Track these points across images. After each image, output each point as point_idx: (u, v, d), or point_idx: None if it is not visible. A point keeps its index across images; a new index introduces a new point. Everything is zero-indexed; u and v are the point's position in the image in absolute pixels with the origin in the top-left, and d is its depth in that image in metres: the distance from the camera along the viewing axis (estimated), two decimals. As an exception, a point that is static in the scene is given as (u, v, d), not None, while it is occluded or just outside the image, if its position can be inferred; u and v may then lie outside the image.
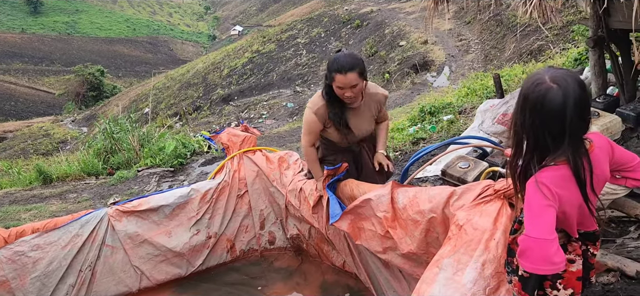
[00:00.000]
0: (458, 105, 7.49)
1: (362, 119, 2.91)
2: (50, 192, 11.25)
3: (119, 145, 13.95)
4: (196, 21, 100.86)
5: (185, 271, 3.36)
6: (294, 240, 3.43)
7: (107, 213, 3.17)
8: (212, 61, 37.51)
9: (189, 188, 3.33)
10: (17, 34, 74.57)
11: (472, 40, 22.24)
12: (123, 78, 63.39)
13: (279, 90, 26.77)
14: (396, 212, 2.55)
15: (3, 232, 2.97)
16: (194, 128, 24.25)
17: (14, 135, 39.39)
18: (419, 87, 19.09)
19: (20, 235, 2.99)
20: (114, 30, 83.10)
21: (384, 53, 24.22)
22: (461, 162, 3.42)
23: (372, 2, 34.49)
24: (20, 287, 2.94)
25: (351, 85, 2.64)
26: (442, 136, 6.06)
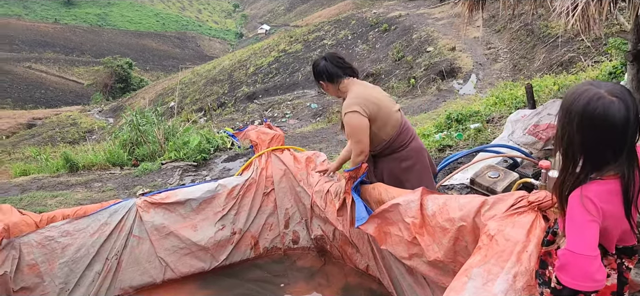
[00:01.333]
0: (486, 114, 7.38)
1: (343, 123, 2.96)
2: (76, 180, 11.48)
3: (145, 137, 14.17)
4: (224, 18, 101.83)
5: (209, 265, 3.38)
6: (318, 240, 3.42)
7: (135, 204, 3.21)
8: (239, 58, 37.81)
9: (216, 184, 3.35)
10: (50, 23, 76.40)
11: (501, 48, 21.95)
12: (150, 72, 64.40)
13: (304, 91, 26.85)
14: (425, 218, 2.52)
15: (35, 217, 3.03)
16: (218, 124, 24.45)
17: (42, 122, 40.31)
18: (444, 93, 18.92)
19: (51, 220, 3.04)
20: (143, 23, 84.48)
21: (411, 58, 24.08)
22: (490, 171, 3.37)
23: (400, 6, 34.33)
24: (48, 271, 3.00)
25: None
26: (469, 144, 5.98)
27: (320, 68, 3.02)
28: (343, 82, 2.97)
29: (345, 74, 2.98)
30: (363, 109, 2.81)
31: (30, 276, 2.96)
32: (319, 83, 3.07)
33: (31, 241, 2.95)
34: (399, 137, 2.94)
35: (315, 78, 3.11)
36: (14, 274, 2.89)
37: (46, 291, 3.01)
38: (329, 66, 2.98)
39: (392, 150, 2.95)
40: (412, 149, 2.98)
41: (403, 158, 2.96)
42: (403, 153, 2.96)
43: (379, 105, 2.88)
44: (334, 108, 21.71)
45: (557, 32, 18.82)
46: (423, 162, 3.04)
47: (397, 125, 2.93)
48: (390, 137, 2.91)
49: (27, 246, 2.94)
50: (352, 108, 2.82)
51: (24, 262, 2.93)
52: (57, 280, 3.02)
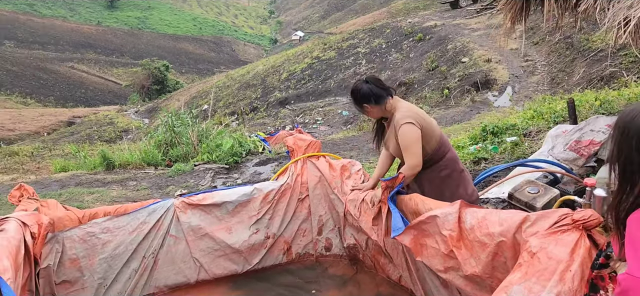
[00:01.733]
0: (523, 127, 7.23)
1: (389, 140, 3.13)
2: (112, 178, 11.78)
3: (179, 138, 14.44)
4: (260, 24, 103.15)
5: (242, 268, 3.42)
6: (351, 249, 3.41)
7: (173, 204, 3.27)
8: (272, 64, 38.17)
9: (252, 187, 3.39)
10: (93, 26, 78.97)
11: (538, 61, 21.50)
12: (186, 75, 65.70)
13: (336, 98, 26.89)
14: (462, 231, 2.48)
15: (78, 213, 3.12)
16: (250, 128, 24.72)
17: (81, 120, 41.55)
18: (479, 105, 18.63)
19: (93, 216, 3.13)
20: (181, 28, 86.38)
21: (445, 68, 23.83)
22: (530, 186, 3.30)
23: (436, 16, 34.05)
24: (88, 266, 3.08)
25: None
26: (505, 158, 5.87)
27: (364, 91, 3.03)
28: (388, 101, 3.04)
29: (388, 93, 3.06)
30: (416, 121, 2.94)
31: (72, 270, 3.05)
32: (362, 106, 3.09)
33: (74, 236, 3.04)
34: (440, 150, 3.08)
35: (357, 102, 3.10)
36: (57, 267, 2.99)
37: (85, 285, 3.09)
38: (374, 88, 3.04)
39: (433, 161, 3.07)
40: (448, 159, 3.13)
41: (442, 168, 3.09)
42: (441, 164, 3.09)
43: (425, 119, 3.05)
44: (365, 117, 21.65)
45: (599, 45, 18.33)
46: (458, 168, 3.18)
47: (438, 138, 3.08)
48: (433, 149, 3.04)
49: (69, 241, 3.03)
50: (407, 120, 2.92)
51: (66, 256, 3.03)
52: (96, 275, 3.10)
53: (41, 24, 74.42)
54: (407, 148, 2.91)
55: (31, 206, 3.00)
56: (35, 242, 2.83)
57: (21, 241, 2.73)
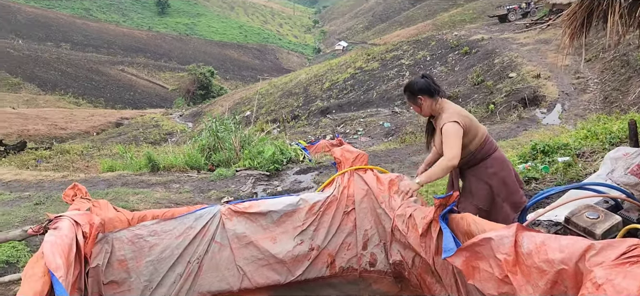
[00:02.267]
0: (575, 148, 6.94)
1: (437, 138, 3.38)
2: (156, 180, 12.04)
3: (222, 143, 14.65)
4: (304, 33, 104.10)
5: (285, 279, 3.38)
6: (396, 266, 3.32)
7: (220, 211, 3.28)
8: (315, 73, 38.34)
9: (298, 198, 3.36)
10: (144, 31, 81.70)
11: (590, 79, 20.71)
12: (230, 81, 66.93)
13: (378, 109, 26.70)
14: (518, 256, 2.37)
15: (128, 214, 3.17)
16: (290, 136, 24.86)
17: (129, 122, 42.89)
18: (526, 122, 18.08)
19: (141, 219, 3.18)
20: (227, 35, 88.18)
21: (491, 83, 23.29)
22: (588, 211, 3.13)
23: (483, 29, 33.42)
24: (135, 268, 3.12)
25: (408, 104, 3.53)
26: (557, 178, 5.64)
27: (421, 84, 3.32)
28: (439, 99, 3.33)
29: (441, 92, 3.36)
30: (461, 121, 3.19)
31: (119, 271, 3.10)
32: (416, 99, 3.34)
33: (123, 238, 3.09)
34: (484, 148, 3.35)
35: (413, 94, 3.38)
36: (105, 267, 3.04)
37: (132, 287, 3.13)
38: (430, 83, 3.34)
39: (478, 159, 3.35)
40: (494, 158, 3.39)
41: (488, 165, 3.36)
42: (487, 162, 3.36)
43: (471, 119, 3.36)
44: (407, 129, 21.40)
45: (657, 64, 17.51)
46: (507, 170, 3.42)
47: (483, 137, 3.37)
48: (477, 148, 3.32)
49: (118, 242, 3.08)
50: (452, 119, 3.18)
51: (115, 257, 3.08)
52: (142, 277, 3.14)
53: (95, 28, 77.59)
54: (447, 141, 3.14)
55: (84, 205, 3.07)
56: (86, 241, 2.88)
57: (73, 240, 2.79)
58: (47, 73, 55.87)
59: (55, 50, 64.80)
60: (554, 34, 27.27)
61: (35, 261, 2.58)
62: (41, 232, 3.03)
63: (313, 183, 10.71)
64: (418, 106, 3.36)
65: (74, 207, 3.10)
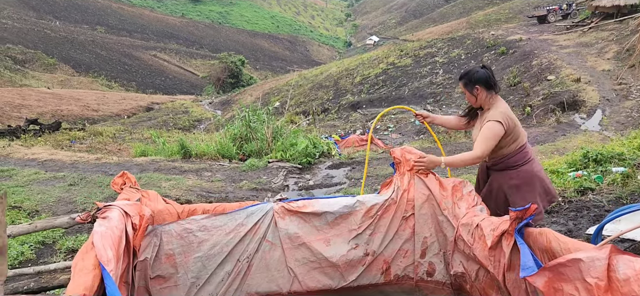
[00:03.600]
0: (631, 158, 6.57)
1: (477, 126, 3.43)
2: (188, 167, 12.02)
3: (254, 134, 14.57)
4: (335, 26, 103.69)
5: (337, 284, 3.20)
6: (457, 278, 3.10)
7: (272, 209, 3.12)
8: (346, 67, 38.05)
9: (355, 200, 3.18)
10: (178, 17, 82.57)
11: (634, 85, 19.90)
12: (260, 71, 67.16)
13: (409, 105, 26.31)
14: (612, 281, 2.13)
15: (177, 207, 3.04)
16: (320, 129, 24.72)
17: (159, 107, 43.42)
18: (564, 127, 17.49)
19: (191, 213, 3.04)
20: (259, 24, 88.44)
21: (528, 85, 22.63)
22: (676, 233, 2.86)
23: (521, 30, 32.57)
24: (183, 263, 2.99)
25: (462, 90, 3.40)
26: (615, 191, 5.30)
27: (481, 74, 3.31)
28: (493, 94, 3.35)
29: (497, 88, 3.39)
30: (506, 123, 3.19)
31: (167, 266, 2.97)
32: (473, 87, 3.31)
33: (172, 231, 2.96)
34: (516, 156, 3.29)
35: (469, 81, 3.34)
36: (153, 261, 2.91)
37: (178, 283, 3.00)
38: (490, 76, 3.34)
39: (506, 166, 3.30)
40: (522, 170, 3.29)
41: (513, 176, 3.28)
42: (513, 173, 3.28)
43: (516, 123, 3.33)
44: (440, 128, 20.98)
45: None
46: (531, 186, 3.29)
47: (520, 144, 3.31)
48: (510, 153, 3.28)
49: (167, 236, 2.95)
50: (498, 119, 3.18)
51: (163, 251, 2.95)
52: (190, 274, 3.00)
53: (130, 13, 78.73)
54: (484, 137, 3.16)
55: (134, 196, 2.95)
56: (135, 234, 2.76)
57: (123, 231, 2.66)
58: (81, 55, 56.99)
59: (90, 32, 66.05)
60: (596, 37, 26.37)
61: (85, 253, 2.46)
62: (89, 221, 2.92)
63: (345, 179, 10.52)
64: (473, 96, 3.34)
65: (123, 196, 2.98)
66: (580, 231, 4.28)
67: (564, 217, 4.66)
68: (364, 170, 10.96)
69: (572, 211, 4.74)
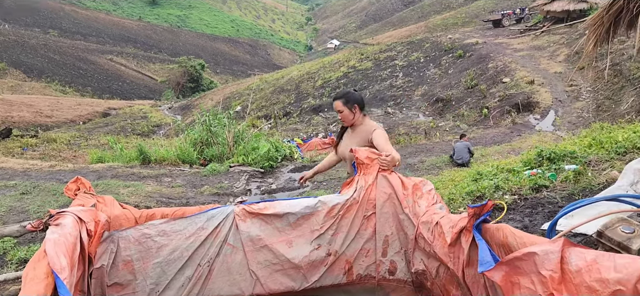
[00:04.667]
0: (582, 156, 6.83)
1: (350, 141, 3.74)
2: (147, 173, 11.75)
3: (215, 138, 14.37)
4: (296, 30, 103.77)
5: (299, 285, 3.18)
6: (418, 275, 3.14)
7: (233, 211, 3.08)
8: (307, 70, 38.12)
9: (317, 200, 3.17)
10: (135, 21, 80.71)
11: (583, 87, 20.81)
12: (220, 75, 66.44)
13: (370, 109, 26.59)
14: (565, 273, 2.20)
15: (135, 212, 2.96)
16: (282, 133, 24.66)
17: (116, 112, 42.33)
18: (520, 127, 18.11)
19: (150, 217, 2.97)
20: (219, 28, 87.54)
21: (485, 87, 23.31)
22: (623, 225, 2.98)
23: (477, 33, 33.49)
24: (142, 270, 2.91)
25: (337, 109, 3.74)
26: (568, 188, 5.50)
27: (357, 96, 3.77)
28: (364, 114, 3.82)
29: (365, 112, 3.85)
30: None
31: (124, 273, 2.88)
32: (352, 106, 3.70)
33: (129, 237, 2.88)
34: None
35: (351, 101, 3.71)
36: (110, 268, 2.82)
37: (137, 290, 2.92)
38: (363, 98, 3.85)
39: None
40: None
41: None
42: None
43: None
44: (401, 130, 21.32)
45: (651, 75, 17.62)
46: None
47: None
48: None
49: (124, 241, 2.86)
50: (378, 126, 3.69)
51: (120, 257, 2.86)
52: (148, 280, 2.92)
53: (85, 16, 76.45)
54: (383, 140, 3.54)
55: (88, 201, 2.85)
56: (90, 240, 2.66)
57: (77, 238, 2.57)
58: (33, 59, 54.89)
59: (42, 36, 63.73)
60: (548, 40, 27.40)
61: (37, 261, 2.36)
62: (41, 228, 2.81)
63: (308, 182, 10.53)
64: (352, 113, 3.70)
65: (77, 202, 2.88)
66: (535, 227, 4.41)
67: (520, 214, 4.80)
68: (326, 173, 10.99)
69: (528, 208, 4.89)
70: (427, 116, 23.13)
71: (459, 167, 11.20)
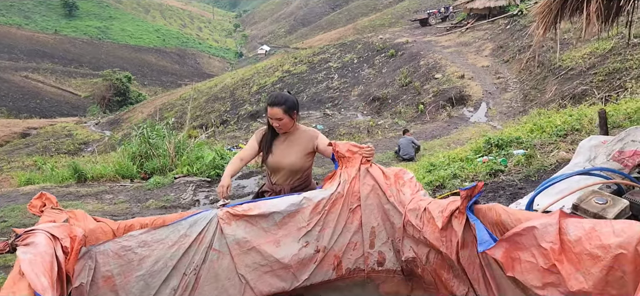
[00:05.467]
0: (527, 140, 7.20)
1: (289, 150, 3.55)
2: (86, 191, 11.11)
3: (155, 150, 13.83)
4: (225, 37, 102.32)
5: (290, 285, 3.09)
6: (408, 263, 3.15)
7: (216, 215, 2.94)
8: (241, 77, 37.71)
9: (301, 197, 3.10)
10: (50, 34, 76.19)
11: (510, 79, 22.00)
12: (148, 87, 64.19)
13: (309, 112, 26.69)
14: (564, 244, 2.27)
15: (112, 224, 2.75)
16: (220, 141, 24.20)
17: (37, 132, 39.83)
18: (456, 120, 18.84)
19: (128, 229, 2.77)
20: (144, 39, 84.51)
21: (418, 84, 24.06)
22: (596, 197, 3.14)
23: (406, 33, 34.54)
24: (123, 285, 2.71)
25: (276, 117, 3.40)
26: (521, 170, 5.77)
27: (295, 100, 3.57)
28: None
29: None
30: None
31: (105, 290, 2.67)
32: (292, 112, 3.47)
33: (108, 251, 2.67)
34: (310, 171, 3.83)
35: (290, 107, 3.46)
36: (89, 287, 2.60)
37: (120, 306, 2.72)
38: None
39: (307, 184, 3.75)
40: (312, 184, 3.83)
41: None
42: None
43: None
44: (341, 131, 21.55)
45: (569, 64, 18.90)
46: None
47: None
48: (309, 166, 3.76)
49: (103, 256, 2.65)
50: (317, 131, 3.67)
51: (100, 274, 2.65)
52: (131, 295, 2.73)
53: (-7, 31, 71.33)
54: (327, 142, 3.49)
55: (59, 217, 2.61)
56: (67, 258, 2.45)
57: (53, 256, 2.36)
58: (-63, 80, 50.52)
59: (-54, 55, 58.80)
60: (473, 36, 28.76)
61: (14, 284, 2.13)
62: (7, 250, 2.55)
63: (257, 187, 10.36)
64: (292, 119, 3.50)
65: (46, 218, 2.64)
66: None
67: (483, 199, 4.97)
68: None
69: (490, 192, 5.07)
70: (365, 115, 23.53)
71: (404, 162, 11.47)
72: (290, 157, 3.51)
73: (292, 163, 3.50)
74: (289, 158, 3.51)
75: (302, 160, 3.54)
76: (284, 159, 3.51)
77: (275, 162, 3.54)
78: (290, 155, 3.51)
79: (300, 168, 3.55)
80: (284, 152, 3.54)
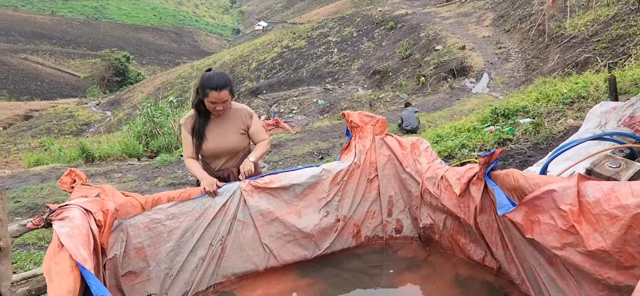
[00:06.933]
0: (533, 109, 7.25)
1: (225, 131, 3.24)
2: (95, 170, 11.22)
3: (159, 129, 13.90)
4: (221, 14, 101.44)
5: (312, 253, 3.20)
6: (426, 229, 3.24)
7: (239, 187, 3.02)
8: (240, 54, 37.53)
9: (320, 169, 3.18)
10: (47, 15, 75.59)
11: (511, 48, 21.91)
12: (147, 66, 63.94)
13: (309, 87, 26.66)
14: (582, 206, 2.36)
15: (140, 198, 2.84)
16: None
17: (39, 114, 39.83)
18: (457, 92, 18.84)
19: (156, 202, 2.86)
20: (140, 17, 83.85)
21: (419, 56, 23.97)
22: (609, 161, 3.21)
23: (406, 4, 34.26)
24: (154, 255, 2.81)
25: (223, 100, 3.09)
26: (529, 139, 5.83)
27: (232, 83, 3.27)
28: None
29: None
30: None
31: (137, 260, 2.77)
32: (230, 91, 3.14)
33: (138, 224, 2.76)
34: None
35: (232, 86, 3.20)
36: (122, 258, 2.70)
37: (151, 276, 2.82)
38: None
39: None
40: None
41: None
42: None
43: None
44: (342, 105, 21.56)
45: (571, 32, 18.79)
46: None
47: None
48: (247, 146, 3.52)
49: (134, 229, 2.75)
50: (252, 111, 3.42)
51: (131, 245, 2.75)
52: (162, 265, 2.83)
53: (-10, 14, 70.76)
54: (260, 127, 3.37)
55: (91, 192, 2.70)
56: (101, 231, 2.53)
57: (89, 229, 2.44)
58: None
59: (-57, 39, 58.42)
60: (473, 6, 28.54)
61: (55, 256, 2.22)
62: (42, 225, 2.64)
63: (264, 163, 10.46)
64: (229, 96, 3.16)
65: (77, 194, 2.72)
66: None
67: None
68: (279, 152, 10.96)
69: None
70: (366, 89, 23.51)
71: (408, 133, 11.53)
72: (229, 139, 3.24)
73: (234, 145, 3.26)
74: (228, 140, 3.24)
75: (240, 139, 3.28)
76: (223, 143, 3.23)
77: (214, 148, 3.23)
78: (228, 136, 3.24)
79: (243, 148, 3.33)
80: (220, 136, 3.23)
